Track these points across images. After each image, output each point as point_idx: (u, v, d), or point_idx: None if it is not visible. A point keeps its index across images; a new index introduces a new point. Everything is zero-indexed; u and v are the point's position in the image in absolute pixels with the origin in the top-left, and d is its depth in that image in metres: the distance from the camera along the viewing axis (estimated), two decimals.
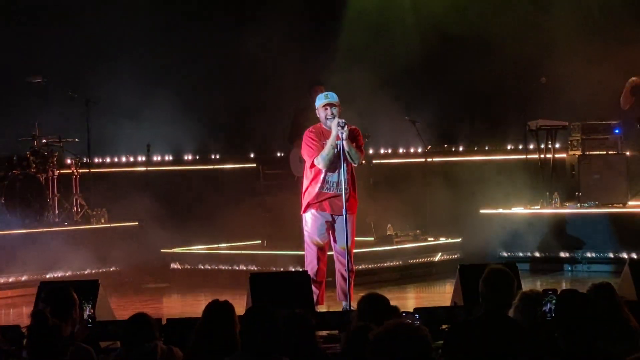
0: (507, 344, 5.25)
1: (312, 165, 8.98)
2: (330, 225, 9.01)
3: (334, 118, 8.83)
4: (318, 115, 9.04)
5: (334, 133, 8.77)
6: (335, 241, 9.03)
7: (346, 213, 8.75)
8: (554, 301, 5.57)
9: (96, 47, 14.00)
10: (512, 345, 5.26)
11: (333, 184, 8.91)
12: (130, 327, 5.56)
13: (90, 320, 6.32)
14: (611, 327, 5.53)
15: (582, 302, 5.35)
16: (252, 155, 14.80)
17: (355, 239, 9.22)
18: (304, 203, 9.07)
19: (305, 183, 9.09)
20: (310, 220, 9.02)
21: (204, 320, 5.38)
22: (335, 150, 8.82)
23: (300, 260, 9.33)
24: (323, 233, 9.01)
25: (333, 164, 8.86)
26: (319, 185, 8.94)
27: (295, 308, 5.65)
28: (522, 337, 5.27)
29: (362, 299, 5.66)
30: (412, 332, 3.14)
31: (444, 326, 7.26)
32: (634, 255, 11.80)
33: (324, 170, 8.90)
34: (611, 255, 12.25)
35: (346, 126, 8.75)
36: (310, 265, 8.96)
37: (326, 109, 8.92)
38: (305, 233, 9.10)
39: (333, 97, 8.98)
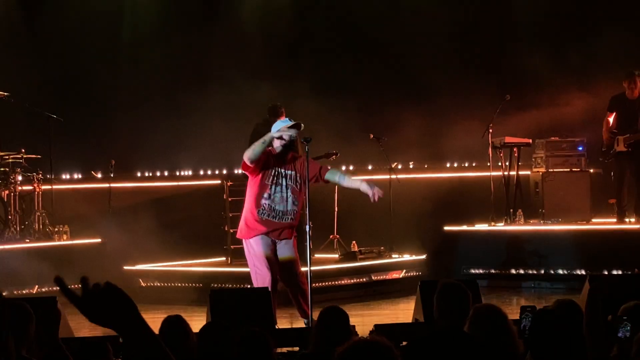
0: (463, 359, 5.23)
1: (257, 191, 8.80)
2: (274, 249, 8.90)
3: (291, 142, 8.67)
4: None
5: (275, 134, 8.65)
6: (280, 264, 8.88)
7: (286, 239, 8.80)
8: (529, 318, 5.51)
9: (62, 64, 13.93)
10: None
11: (279, 212, 8.77)
12: (85, 349, 5.47)
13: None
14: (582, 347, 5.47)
15: (557, 321, 5.30)
16: (216, 172, 14.70)
17: (320, 255, 9.19)
18: (248, 228, 8.87)
19: (249, 207, 8.88)
20: (255, 243, 8.83)
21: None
22: (282, 175, 8.75)
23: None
24: (270, 252, 8.85)
25: (281, 194, 8.76)
26: (265, 213, 8.76)
27: (254, 325, 5.62)
28: (477, 352, 5.25)
29: (321, 312, 5.66)
30: (378, 347, 3.06)
31: (404, 343, 7.23)
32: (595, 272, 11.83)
33: (271, 197, 8.74)
34: (574, 272, 12.27)
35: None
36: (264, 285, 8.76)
37: (285, 138, 8.71)
38: (252, 257, 8.89)
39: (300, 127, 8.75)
